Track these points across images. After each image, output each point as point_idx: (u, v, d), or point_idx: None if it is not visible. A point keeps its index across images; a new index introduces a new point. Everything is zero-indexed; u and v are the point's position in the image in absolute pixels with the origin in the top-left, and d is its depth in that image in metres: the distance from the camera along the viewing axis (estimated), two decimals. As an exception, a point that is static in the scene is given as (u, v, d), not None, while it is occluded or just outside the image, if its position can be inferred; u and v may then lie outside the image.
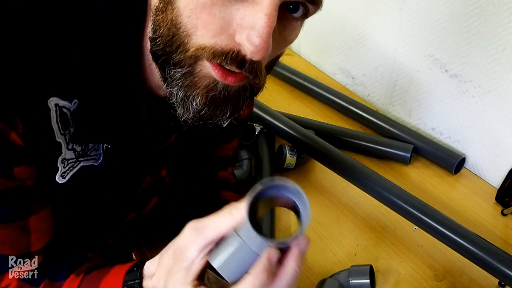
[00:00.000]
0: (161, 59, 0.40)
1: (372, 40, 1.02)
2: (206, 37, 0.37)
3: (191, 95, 0.39)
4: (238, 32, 0.37)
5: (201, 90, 0.39)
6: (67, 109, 0.42)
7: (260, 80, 0.41)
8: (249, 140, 0.90)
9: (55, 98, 0.40)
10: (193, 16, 0.37)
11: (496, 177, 0.85)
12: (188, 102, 0.40)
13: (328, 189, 0.86)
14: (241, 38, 0.37)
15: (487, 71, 0.78)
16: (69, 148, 0.43)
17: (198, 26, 0.37)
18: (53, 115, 0.41)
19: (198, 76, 0.39)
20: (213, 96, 0.40)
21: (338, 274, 0.67)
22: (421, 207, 0.73)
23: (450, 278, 0.70)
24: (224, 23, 0.37)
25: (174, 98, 0.40)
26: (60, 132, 0.42)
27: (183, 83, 0.39)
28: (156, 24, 0.39)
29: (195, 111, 0.40)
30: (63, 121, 0.42)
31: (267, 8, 0.35)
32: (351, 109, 1.01)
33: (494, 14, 0.73)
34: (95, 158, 0.46)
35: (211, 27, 0.37)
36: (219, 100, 0.40)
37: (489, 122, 0.82)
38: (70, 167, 0.44)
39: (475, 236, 0.68)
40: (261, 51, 0.36)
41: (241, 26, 0.37)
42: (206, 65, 0.39)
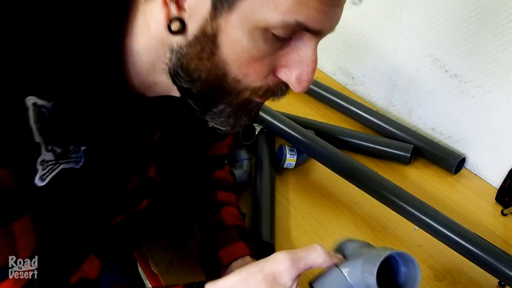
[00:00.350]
0: (205, 99, 0.43)
1: (372, 40, 1.02)
2: (257, 80, 0.41)
3: (240, 117, 0.45)
4: (283, 72, 0.42)
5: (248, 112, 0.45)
6: (46, 109, 0.40)
7: None
8: (249, 140, 0.90)
9: (32, 97, 0.39)
10: (244, 67, 0.40)
11: (496, 177, 0.85)
12: (238, 123, 0.45)
13: (328, 189, 0.86)
14: (290, 80, 0.42)
15: (487, 71, 0.78)
16: (49, 149, 0.42)
17: (249, 74, 0.41)
18: (30, 114, 0.39)
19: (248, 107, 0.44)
20: (255, 112, 0.46)
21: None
22: (421, 207, 0.73)
23: (450, 278, 0.70)
24: (273, 67, 0.41)
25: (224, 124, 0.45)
26: (38, 133, 0.40)
27: (234, 113, 0.44)
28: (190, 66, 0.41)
29: (242, 126, 0.46)
30: (41, 121, 0.40)
31: (312, 55, 0.41)
32: (351, 109, 1.01)
33: (494, 14, 0.73)
34: (76, 161, 0.45)
35: (262, 73, 0.41)
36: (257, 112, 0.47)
37: (489, 122, 0.82)
38: (50, 169, 0.43)
39: (475, 236, 0.68)
40: (306, 89, 0.42)
41: (286, 66, 0.41)
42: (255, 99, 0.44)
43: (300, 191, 0.86)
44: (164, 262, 0.73)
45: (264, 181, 0.83)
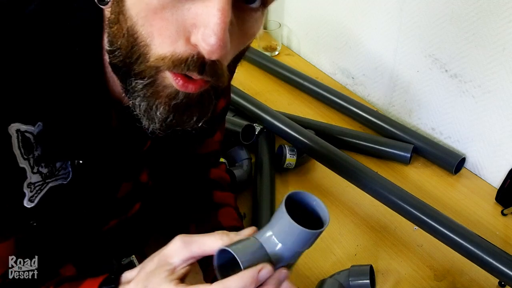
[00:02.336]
0: (122, 71, 0.39)
1: (372, 40, 1.02)
2: (164, 45, 0.36)
3: (154, 105, 0.39)
4: (193, 33, 0.35)
5: (163, 99, 0.39)
6: (30, 133, 0.41)
7: (223, 80, 0.40)
8: (249, 140, 0.90)
9: (16, 124, 0.39)
10: (147, 24, 0.35)
11: (496, 177, 0.85)
12: (152, 112, 0.39)
13: (328, 189, 0.86)
14: (197, 39, 0.35)
15: (487, 71, 0.78)
16: (34, 171, 0.42)
17: (154, 34, 0.36)
18: (14, 141, 0.39)
19: (160, 86, 0.38)
20: (175, 104, 0.39)
21: (338, 274, 0.67)
22: (421, 207, 0.73)
23: (450, 278, 0.70)
24: (178, 26, 0.35)
25: (137, 109, 0.39)
26: (23, 157, 0.41)
27: (145, 94, 0.38)
28: (111, 36, 0.38)
29: (160, 120, 0.39)
30: (26, 146, 0.40)
31: (218, 3, 0.34)
32: (351, 109, 1.01)
33: (494, 14, 0.73)
34: (64, 177, 0.45)
35: (167, 33, 0.35)
36: (182, 108, 0.40)
37: (489, 122, 0.82)
38: (38, 190, 0.43)
39: (475, 236, 0.68)
40: (218, 49, 0.34)
41: (195, 25, 0.35)
42: (168, 76, 0.38)
43: (300, 191, 0.86)
44: (164, 262, 0.73)
45: (264, 181, 0.83)
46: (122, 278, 0.45)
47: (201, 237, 0.43)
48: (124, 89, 0.40)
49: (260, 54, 1.19)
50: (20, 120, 0.40)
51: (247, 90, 1.04)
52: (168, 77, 0.38)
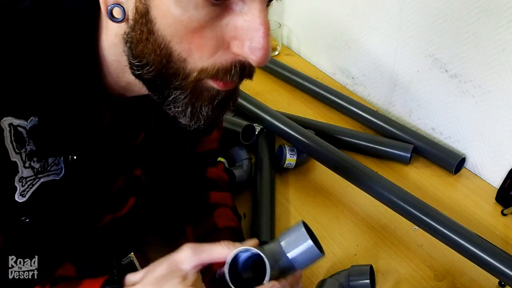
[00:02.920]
0: (158, 84, 0.40)
1: (372, 40, 1.02)
2: (204, 58, 0.37)
3: (199, 106, 0.41)
4: (235, 45, 0.37)
5: (206, 101, 0.41)
6: (23, 128, 0.41)
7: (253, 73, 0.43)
8: (249, 140, 0.90)
9: (8, 118, 0.40)
10: (184, 42, 0.37)
11: (496, 177, 0.85)
12: (197, 113, 0.41)
13: (328, 189, 0.86)
14: (243, 51, 0.37)
15: (487, 71, 0.78)
16: (26, 166, 0.42)
17: (193, 50, 0.37)
18: (6, 135, 0.40)
19: (201, 90, 0.40)
20: (218, 102, 0.41)
21: (338, 274, 0.67)
22: (421, 207, 0.73)
23: (450, 278, 0.70)
24: (218, 40, 0.37)
25: (181, 114, 0.41)
26: (15, 152, 0.41)
27: (189, 101, 0.40)
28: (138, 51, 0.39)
29: (205, 117, 0.42)
30: (18, 140, 0.41)
31: (259, 17, 0.36)
32: (351, 109, 1.01)
33: (494, 14, 0.73)
34: (56, 173, 0.45)
35: (206, 48, 0.37)
36: (223, 102, 0.42)
37: (489, 122, 0.82)
38: (30, 185, 0.43)
39: (475, 236, 0.68)
40: (265, 60, 0.37)
41: (236, 38, 0.37)
42: (208, 81, 0.39)
43: (300, 191, 0.86)
44: (164, 262, 0.73)
45: (264, 181, 0.83)
46: (126, 280, 0.45)
47: (210, 246, 0.46)
48: (161, 99, 0.42)
49: (260, 54, 1.19)
50: (13, 115, 0.40)
51: (247, 90, 1.04)
52: (209, 82, 0.40)
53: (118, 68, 0.43)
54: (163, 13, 0.36)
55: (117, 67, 0.43)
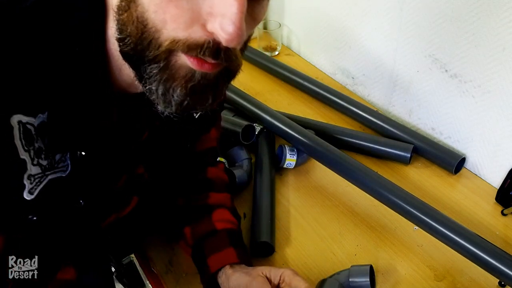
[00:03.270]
0: (134, 58, 0.39)
1: (372, 40, 1.02)
2: (178, 30, 0.36)
3: (171, 87, 0.39)
4: (210, 21, 0.36)
5: (180, 81, 0.39)
6: (31, 125, 0.41)
7: (237, 64, 0.41)
8: (249, 140, 0.90)
9: (17, 115, 0.39)
10: (160, 11, 0.36)
11: (496, 177, 0.85)
12: (169, 95, 0.39)
13: (328, 189, 0.86)
14: (214, 27, 0.36)
15: (487, 71, 0.78)
16: (34, 163, 0.42)
17: (167, 20, 0.36)
18: (16, 132, 0.40)
19: (175, 68, 0.39)
20: (192, 86, 0.39)
21: (338, 274, 0.67)
22: (421, 207, 0.73)
23: (450, 278, 0.70)
24: (193, 13, 0.36)
25: (154, 94, 0.40)
26: (24, 149, 0.41)
27: (161, 78, 0.39)
28: (121, 24, 0.38)
29: (177, 103, 0.40)
30: (27, 138, 0.41)
31: None
32: (351, 109, 1.01)
33: (494, 14, 0.73)
34: (63, 170, 0.45)
35: (181, 20, 0.36)
36: (200, 89, 0.40)
37: (489, 122, 0.82)
38: (37, 182, 0.43)
39: (475, 236, 0.68)
40: (236, 38, 0.35)
41: (212, 14, 0.36)
42: (181, 56, 0.38)
43: (300, 191, 0.86)
44: (164, 262, 0.73)
45: (264, 181, 0.83)
46: None
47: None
48: (138, 77, 0.40)
49: (260, 54, 1.19)
50: (22, 112, 0.40)
51: (247, 90, 1.04)
52: (182, 57, 0.38)
53: (120, 60, 0.42)
54: None
55: (118, 58, 0.42)
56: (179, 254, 0.74)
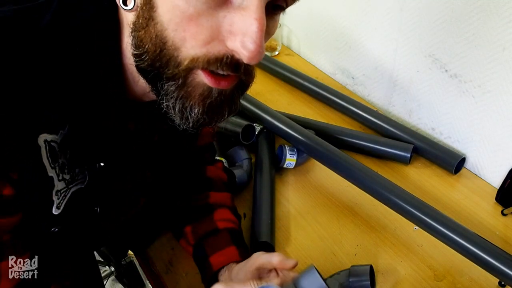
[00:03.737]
0: (151, 75, 0.40)
1: (372, 40, 1.02)
2: (197, 47, 0.37)
3: (188, 105, 0.40)
4: (230, 39, 0.37)
5: (197, 99, 0.40)
6: (55, 142, 0.42)
7: (252, 77, 0.43)
8: (249, 140, 0.90)
9: (43, 135, 0.40)
10: (180, 29, 0.36)
11: (496, 177, 0.85)
12: (187, 112, 0.40)
13: (328, 189, 0.86)
14: (235, 46, 0.37)
15: (487, 71, 0.78)
16: (60, 179, 0.43)
17: (187, 38, 0.37)
18: (43, 152, 0.40)
19: (192, 85, 0.39)
20: (210, 103, 0.40)
21: (338, 274, 0.67)
22: (421, 207, 0.73)
23: (450, 278, 0.70)
24: (213, 31, 0.37)
25: (171, 110, 0.40)
26: (51, 167, 0.42)
27: (179, 95, 0.39)
28: (138, 40, 0.39)
29: (194, 120, 0.41)
30: (52, 155, 0.42)
31: (255, 12, 0.35)
32: (351, 109, 1.01)
33: (494, 14, 0.73)
34: (82, 181, 0.46)
35: (200, 37, 0.37)
36: (216, 106, 0.41)
37: (489, 122, 0.82)
38: (63, 196, 0.44)
39: (475, 236, 0.68)
40: (257, 55, 0.36)
41: (231, 32, 0.37)
42: (199, 74, 0.39)
43: (300, 191, 0.86)
44: (164, 262, 0.73)
45: (264, 181, 0.83)
46: None
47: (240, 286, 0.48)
48: (155, 92, 0.41)
49: (260, 54, 1.19)
50: (46, 131, 0.40)
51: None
52: (199, 75, 0.39)
53: (135, 72, 0.43)
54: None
55: (133, 71, 0.43)
56: (179, 254, 0.74)
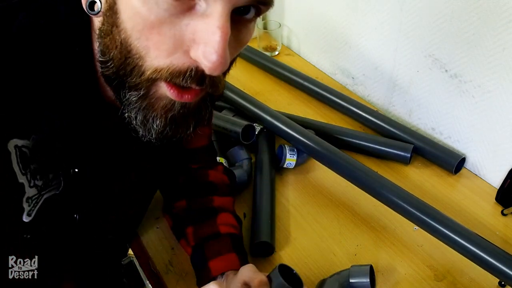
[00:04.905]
0: (115, 83, 0.39)
1: (372, 40, 1.02)
2: (160, 57, 0.36)
3: (150, 117, 0.39)
4: (193, 48, 0.35)
5: (159, 112, 0.38)
6: (26, 147, 0.40)
7: (220, 89, 0.40)
8: (249, 140, 0.90)
9: (13, 140, 0.39)
10: (143, 38, 0.35)
11: (496, 177, 0.85)
12: (148, 124, 0.39)
13: (328, 189, 0.86)
14: (197, 55, 0.35)
15: (487, 71, 0.78)
16: (31, 185, 0.42)
17: (150, 47, 0.35)
18: (13, 157, 0.39)
19: (154, 97, 0.38)
20: (172, 116, 0.39)
21: (338, 274, 0.67)
22: (421, 206, 0.73)
23: (450, 278, 0.70)
24: (176, 40, 0.35)
25: (133, 121, 0.39)
26: (21, 173, 0.40)
27: (140, 106, 0.38)
28: (104, 47, 0.38)
29: (157, 132, 0.39)
30: (23, 161, 0.40)
31: (218, 20, 0.34)
32: (351, 109, 1.01)
33: (494, 14, 0.73)
34: (56, 187, 0.45)
35: (163, 47, 0.35)
36: (180, 119, 0.40)
37: (489, 122, 0.82)
38: (35, 203, 0.43)
39: (475, 236, 0.68)
40: (219, 67, 0.34)
41: (194, 41, 0.35)
42: (162, 86, 0.37)
43: (300, 191, 0.86)
44: (164, 262, 0.73)
45: (264, 181, 0.83)
46: None
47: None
48: (119, 101, 0.40)
49: (260, 54, 1.19)
50: (17, 136, 0.39)
51: (247, 90, 1.04)
52: (162, 87, 0.37)
53: None
54: (126, 4, 0.35)
55: None
56: (179, 254, 0.74)
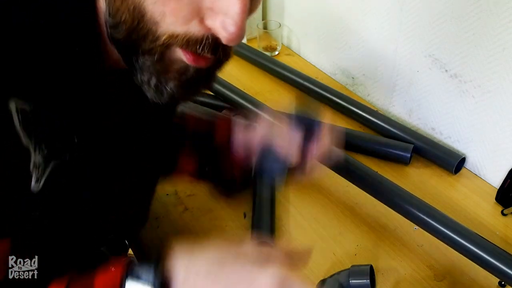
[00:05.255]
0: (126, 47, 0.38)
1: (372, 40, 1.02)
2: (176, 24, 0.35)
3: (164, 80, 0.39)
4: (210, 17, 0.35)
5: (173, 75, 0.39)
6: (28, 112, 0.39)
7: (229, 56, 0.41)
8: (249, 140, 0.89)
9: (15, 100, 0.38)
10: (159, 3, 0.35)
11: (496, 177, 0.85)
12: (161, 87, 0.39)
13: (328, 189, 0.86)
14: (214, 25, 0.35)
15: (487, 71, 0.78)
16: (37, 151, 0.40)
17: (166, 13, 0.35)
18: (15, 119, 0.38)
19: (169, 61, 0.38)
20: (186, 79, 0.39)
21: (338, 274, 0.67)
22: (421, 206, 0.73)
23: (450, 278, 0.70)
24: (193, 8, 0.35)
25: (145, 84, 0.39)
26: (26, 136, 0.39)
27: (154, 70, 0.38)
28: (114, 9, 0.37)
29: (170, 94, 0.40)
30: (26, 125, 0.39)
31: None
32: (351, 109, 1.01)
33: (494, 14, 0.73)
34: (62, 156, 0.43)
35: (181, 14, 0.35)
36: (192, 82, 0.40)
37: (489, 122, 0.82)
38: (42, 171, 0.41)
39: (476, 236, 0.68)
40: (237, 38, 0.35)
41: (212, 10, 0.35)
42: (177, 50, 0.37)
43: (300, 191, 0.86)
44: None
45: (264, 181, 0.83)
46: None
47: None
48: (129, 65, 0.39)
49: (260, 54, 1.19)
50: (18, 96, 0.38)
51: (247, 90, 1.04)
52: (177, 51, 0.38)
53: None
54: None
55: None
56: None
